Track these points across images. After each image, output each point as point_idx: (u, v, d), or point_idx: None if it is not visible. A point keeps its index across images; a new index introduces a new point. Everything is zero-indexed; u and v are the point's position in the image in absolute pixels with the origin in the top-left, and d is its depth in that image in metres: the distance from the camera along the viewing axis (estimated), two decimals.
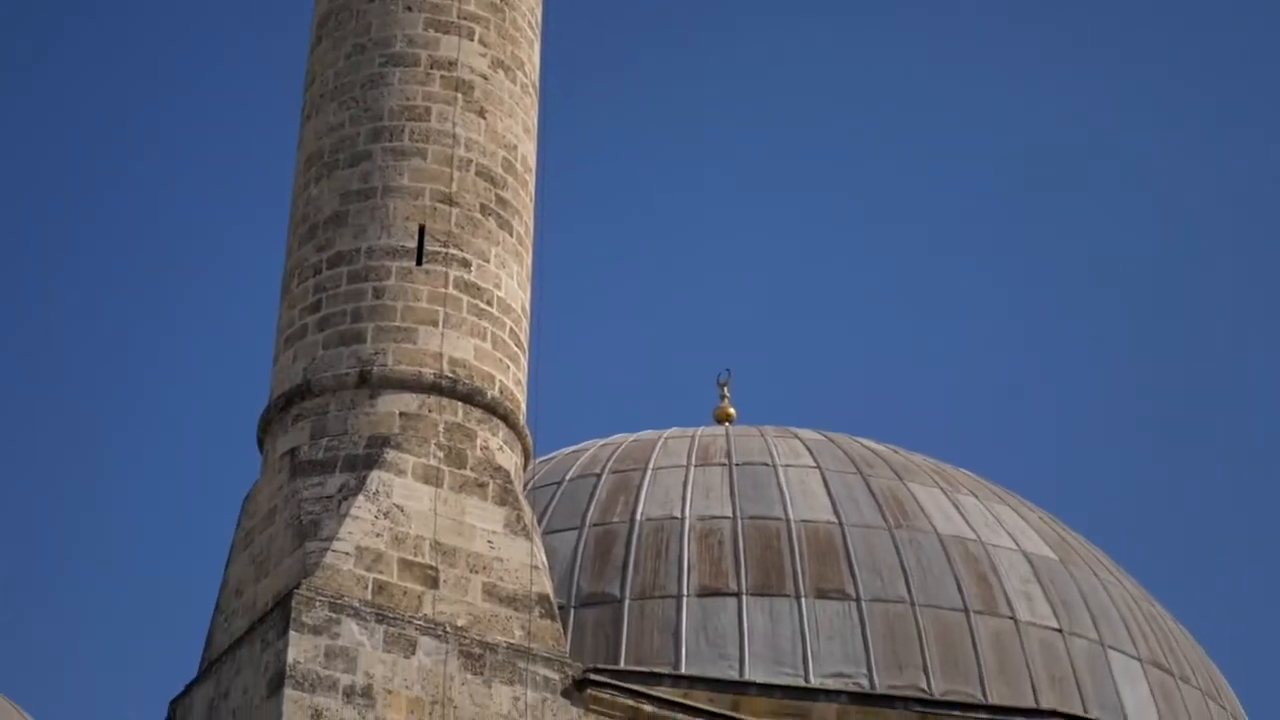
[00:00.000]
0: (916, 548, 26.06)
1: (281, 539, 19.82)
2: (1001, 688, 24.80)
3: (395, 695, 18.58)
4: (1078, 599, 26.67)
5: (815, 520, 26.16)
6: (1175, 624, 29.17)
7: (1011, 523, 27.78)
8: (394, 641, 18.82)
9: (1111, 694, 25.66)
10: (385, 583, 19.24)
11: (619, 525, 26.18)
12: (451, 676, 18.96)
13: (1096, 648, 26.13)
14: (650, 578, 25.26)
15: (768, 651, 24.41)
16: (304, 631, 18.41)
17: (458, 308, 21.06)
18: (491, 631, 19.49)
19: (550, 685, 19.50)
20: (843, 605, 24.99)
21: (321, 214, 21.58)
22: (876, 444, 29.51)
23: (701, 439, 28.46)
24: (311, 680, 18.21)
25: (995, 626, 25.46)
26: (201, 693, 19.78)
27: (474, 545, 19.92)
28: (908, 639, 24.86)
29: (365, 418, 20.31)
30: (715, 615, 24.77)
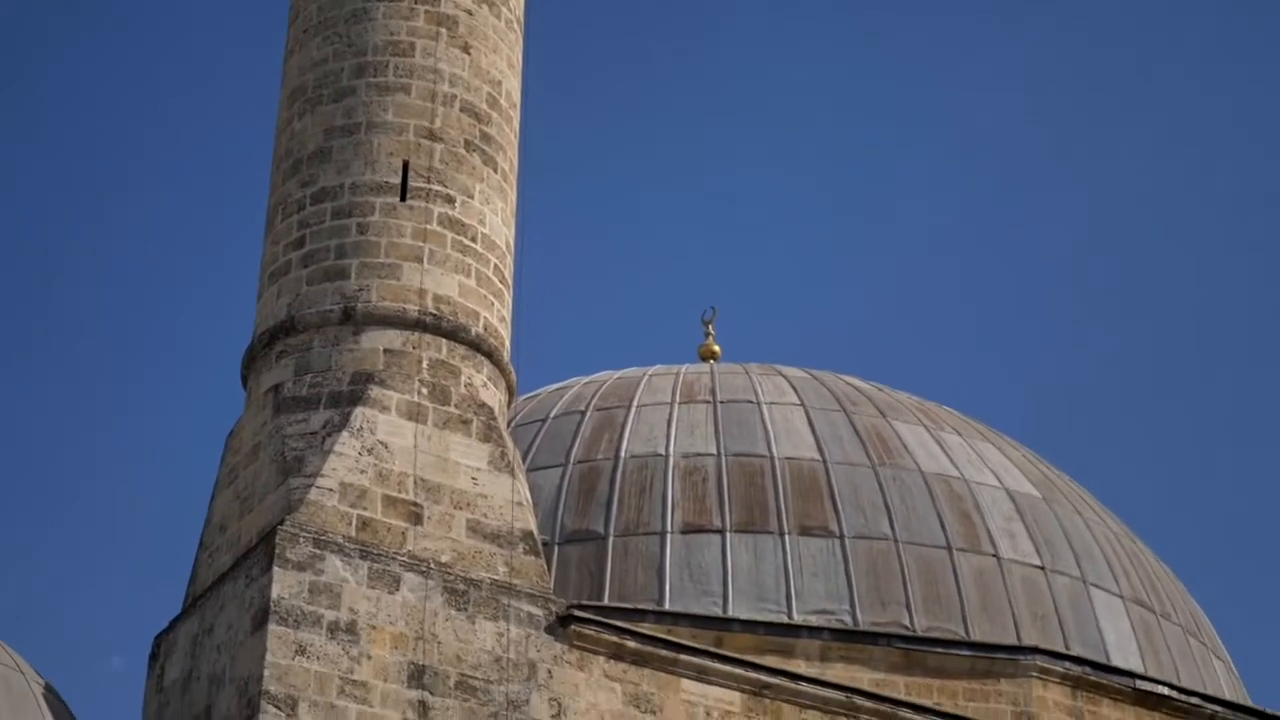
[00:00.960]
0: (900, 485, 26.13)
1: (265, 475, 19.83)
2: (984, 624, 24.91)
3: (379, 631, 18.62)
4: (1060, 536, 26.78)
5: (799, 458, 26.21)
6: (1157, 561, 29.30)
7: (995, 460, 27.85)
8: (378, 577, 18.85)
9: (1093, 631, 25.79)
10: (369, 519, 19.26)
11: (603, 462, 26.21)
12: (435, 612, 19.00)
13: (1078, 585, 26.24)
14: (634, 515, 25.31)
15: (751, 588, 24.49)
16: (288, 568, 18.43)
17: (442, 244, 21.02)
18: (475, 568, 19.52)
19: (534, 621, 19.54)
20: (826, 542, 25.06)
21: (305, 149, 21.50)
22: (861, 381, 29.54)
23: (686, 376, 28.47)
24: (295, 616, 18.24)
25: (978, 564, 25.56)
26: (186, 628, 19.82)
27: (458, 482, 19.93)
28: (891, 576, 24.95)
29: (349, 354, 20.29)
30: (699, 552, 24.84)
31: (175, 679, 19.64)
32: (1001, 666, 24.01)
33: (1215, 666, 28.03)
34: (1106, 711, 24.52)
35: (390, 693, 18.37)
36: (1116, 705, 24.57)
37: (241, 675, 18.18)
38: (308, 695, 17.92)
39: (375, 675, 18.36)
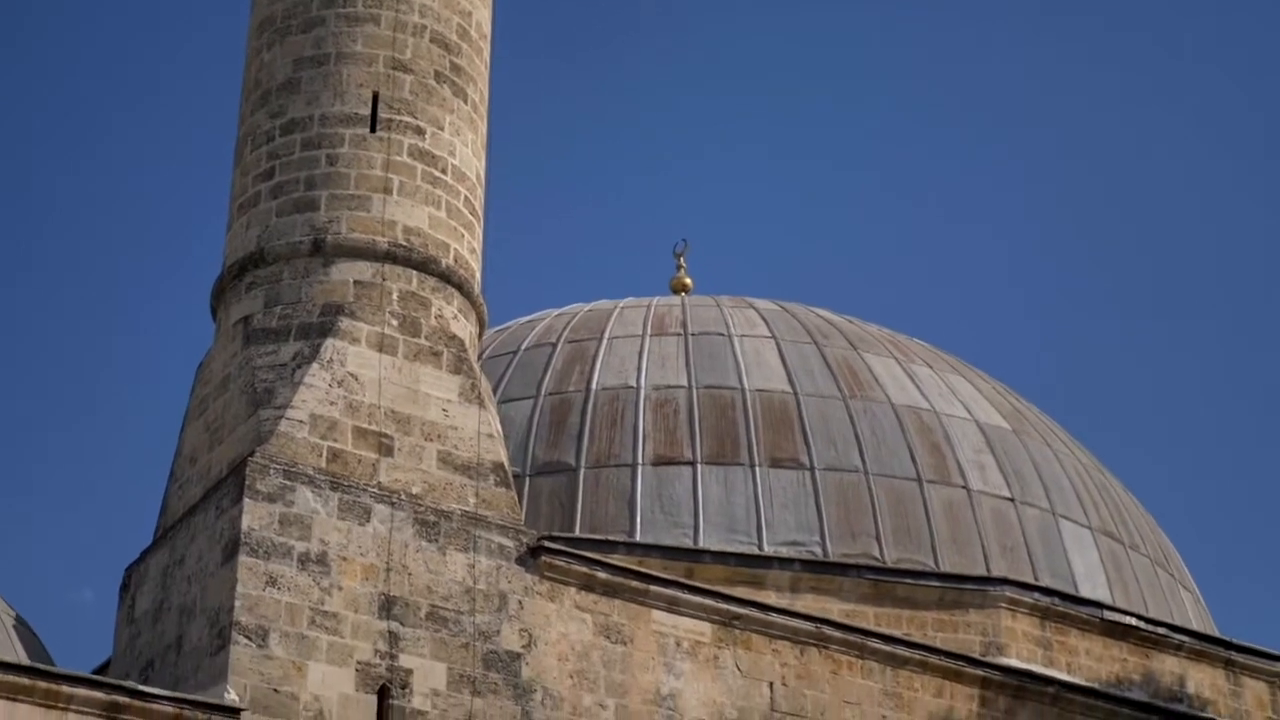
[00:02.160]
0: (870, 417, 26.20)
1: (235, 407, 19.79)
2: (953, 556, 25.04)
3: (350, 562, 18.64)
4: (1030, 469, 26.89)
5: (770, 390, 26.26)
6: (1126, 493, 29.44)
7: (965, 393, 27.93)
8: (348, 509, 18.85)
9: (1062, 562, 25.94)
10: (339, 450, 19.24)
11: (574, 394, 26.23)
12: (406, 544, 19.02)
13: (1048, 517, 26.37)
14: (605, 447, 25.35)
15: (722, 519, 24.58)
16: (258, 499, 18.41)
17: (412, 176, 20.93)
18: (446, 499, 19.54)
19: (505, 553, 19.58)
20: (797, 474, 25.14)
21: (274, 80, 21.37)
22: (832, 314, 29.57)
23: (657, 309, 28.47)
24: (266, 547, 18.24)
25: (948, 495, 25.66)
26: (156, 559, 19.82)
27: (428, 413, 19.92)
28: (861, 508, 25.05)
29: (319, 286, 20.23)
30: (670, 484, 24.90)
31: (146, 610, 19.65)
32: (970, 597, 24.15)
33: (1183, 597, 28.22)
34: (1074, 642, 24.69)
35: (361, 624, 18.40)
36: (1084, 635, 24.73)
37: (212, 606, 18.20)
38: (278, 626, 17.94)
39: (346, 606, 18.39)
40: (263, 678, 17.68)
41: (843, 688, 21.16)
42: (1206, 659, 25.75)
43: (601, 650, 19.79)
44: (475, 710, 18.66)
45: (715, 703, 20.25)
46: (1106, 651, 24.89)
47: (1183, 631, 25.86)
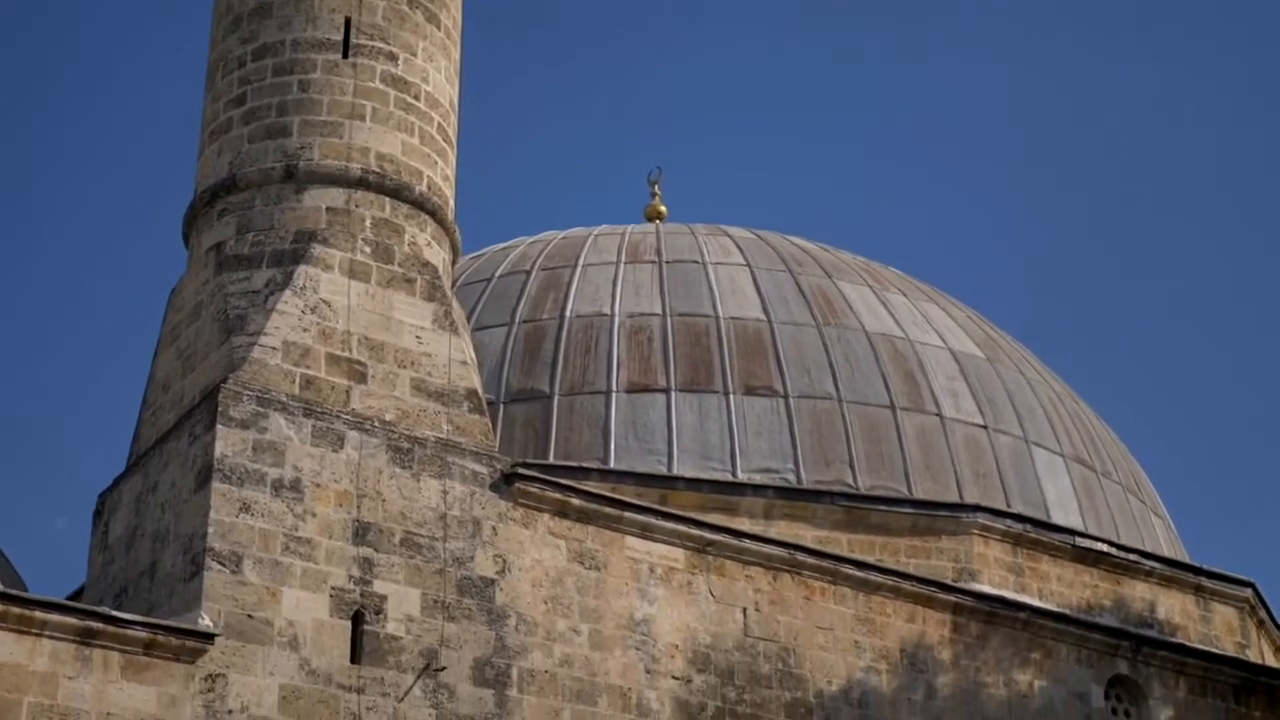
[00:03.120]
0: (845, 345, 26.23)
1: (208, 334, 19.73)
2: (926, 483, 25.12)
3: (323, 489, 18.63)
4: (1003, 396, 26.96)
5: (744, 318, 26.26)
6: (1098, 421, 29.55)
7: (939, 321, 27.96)
8: (322, 436, 18.84)
9: (1034, 489, 26.05)
10: (313, 377, 19.20)
11: (548, 322, 26.21)
12: (379, 470, 19.02)
13: (1020, 444, 26.46)
14: (579, 374, 25.36)
15: (696, 447, 24.62)
16: (231, 425, 18.38)
17: (384, 102, 20.82)
18: (420, 426, 19.52)
19: (479, 479, 19.59)
20: (770, 402, 25.17)
21: (246, 5, 21.21)
22: (806, 242, 29.56)
23: (631, 236, 28.43)
24: (239, 474, 18.22)
25: (921, 423, 25.73)
26: (129, 486, 19.80)
27: (402, 340, 19.89)
28: (834, 435, 25.10)
29: (291, 212, 20.15)
30: (644, 411, 24.92)
31: (119, 536, 19.65)
32: (943, 524, 24.26)
33: (1154, 524, 28.38)
34: (1046, 568, 24.83)
35: (335, 550, 18.41)
36: (1056, 562, 24.87)
37: (186, 532, 18.19)
38: (252, 552, 17.94)
39: (320, 532, 18.40)
40: (237, 603, 17.70)
41: (815, 613, 21.26)
42: (1177, 585, 25.93)
43: (575, 576, 19.84)
44: (449, 635, 18.71)
45: (689, 628, 20.33)
46: (1078, 577, 25.04)
47: (1153, 558, 26.01)
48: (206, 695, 17.24)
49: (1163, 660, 23.69)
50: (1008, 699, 22.19)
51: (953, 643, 22.12)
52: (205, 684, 17.27)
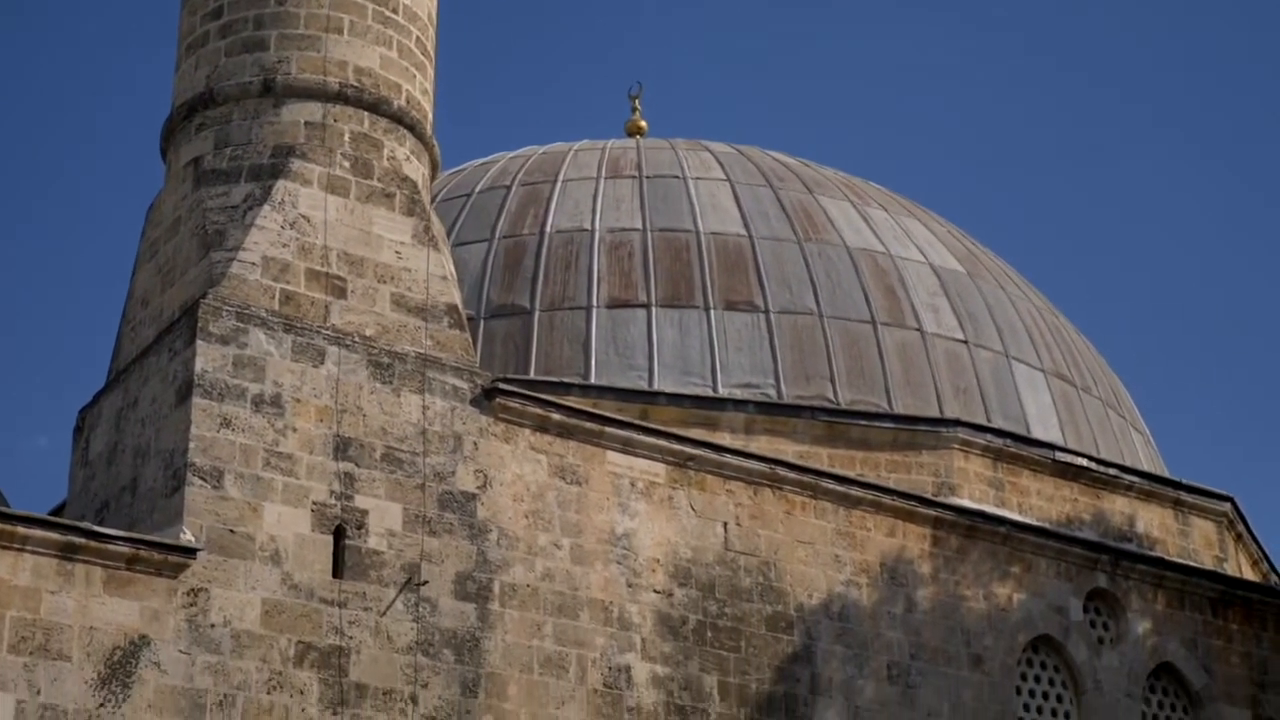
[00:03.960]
0: (825, 260, 26.20)
1: (187, 249, 19.65)
2: (907, 398, 25.16)
3: (304, 404, 18.61)
4: (983, 311, 26.98)
5: (725, 233, 26.22)
6: (1079, 336, 29.60)
7: (920, 236, 27.94)
8: (302, 351, 18.80)
9: (1015, 404, 26.11)
10: (292, 293, 19.14)
11: (528, 237, 26.14)
12: (360, 386, 19.00)
13: (1001, 359, 26.50)
14: (560, 289, 25.32)
15: (676, 362, 24.62)
16: (211, 341, 18.34)
17: (362, 15, 20.65)
18: (400, 341, 19.49)
19: (459, 394, 19.58)
20: (751, 317, 25.16)
21: None
22: (787, 157, 29.47)
23: (612, 151, 28.32)
24: (220, 389, 18.19)
25: (902, 338, 25.75)
26: (110, 402, 19.76)
27: (381, 255, 19.82)
28: (815, 350, 25.11)
29: (269, 127, 20.02)
30: (624, 326, 24.90)
31: (100, 452, 19.63)
32: (923, 439, 24.31)
33: (1134, 439, 28.48)
34: (1026, 483, 24.91)
35: (316, 465, 18.42)
36: (1036, 476, 24.96)
37: (166, 448, 18.18)
38: (233, 467, 17.94)
39: (300, 448, 18.39)
40: (218, 518, 17.71)
41: (796, 528, 21.33)
42: (1156, 499, 26.04)
43: (556, 491, 19.87)
44: (431, 550, 18.76)
45: (669, 542, 20.40)
46: (1058, 492, 25.14)
47: (1133, 472, 26.12)
48: (189, 609, 17.28)
49: (1141, 574, 23.82)
50: (987, 612, 22.31)
51: (932, 556, 22.22)
52: (188, 598, 17.30)
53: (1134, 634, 23.46)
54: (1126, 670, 23.21)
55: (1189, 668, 23.75)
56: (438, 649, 18.52)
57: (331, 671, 17.84)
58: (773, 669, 20.56)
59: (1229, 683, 24.00)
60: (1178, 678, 23.76)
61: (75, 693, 16.57)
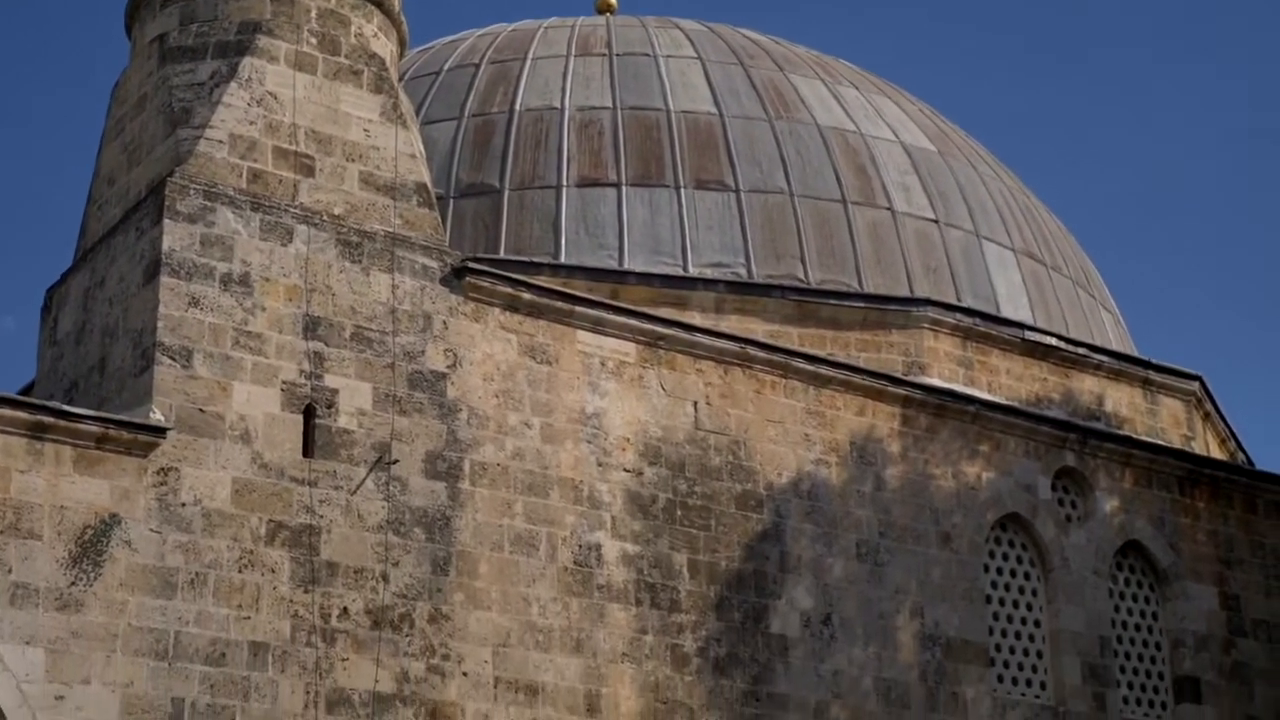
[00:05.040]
0: (796, 139, 26.08)
1: (153, 127, 19.46)
2: (877, 277, 25.14)
3: (273, 283, 18.52)
4: (954, 191, 26.92)
5: (695, 111, 26.06)
6: (1049, 215, 29.58)
7: (891, 114, 27.81)
8: (270, 230, 18.68)
9: (985, 283, 26.12)
10: (260, 171, 18.99)
11: (498, 116, 25.96)
12: (329, 265, 18.90)
13: (971, 238, 26.48)
14: (529, 168, 25.18)
15: (647, 241, 24.55)
16: (179, 219, 18.20)
17: None
18: (369, 220, 19.38)
19: (429, 273, 19.50)
20: (722, 196, 25.08)
21: None
22: (759, 35, 29.26)
23: (581, 29, 28.07)
24: (188, 268, 18.08)
25: (872, 217, 25.69)
26: (77, 281, 19.64)
27: (350, 133, 19.66)
28: (786, 229, 25.05)
29: (235, 3, 19.77)
30: (595, 205, 24.80)
31: (68, 331, 19.54)
32: (893, 318, 24.33)
33: (1103, 318, 28.55)
34: (996, 362, 24.97)
35: (285, 344, 18.35)
36: (1006, 356, 25.01)
37: (135, 327, 18.10)
38: (202, 347, 17.87)
39: (270, 327, 18.32)
40: (188, 397, 17.67)
41: (766, 407, 21.37)
42: (1125, 378, 26.14)
43: (526, 370, 19.86)
44: (401, 429, 18.76)
45: (639, 421, 20.42)
46: (1027, 371, 25.21)
47: (1102, 351, 26.19)
48: (159, 488, 17.28)
49: (1109, 452, 23.94)
50: (956, 491, 22.43)
51: (902, 435, 22.30)
52: (158, 477, 17.29)
53: (1101, 512, 23.62)
54: (1094, 548, 23.39)
55: (1156, 545, 23.94)
56: (408, 527, 18.56)
57: (302, 550, 17.88)
58: (742, 547, 20.67)
59: (1195, 560, 24.21)
60: (1144, 555, 23.95)
61: (46, 571, 16.58)
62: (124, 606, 16.83)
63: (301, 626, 17.67)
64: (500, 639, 18.81)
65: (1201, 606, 24.02)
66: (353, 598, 18.03)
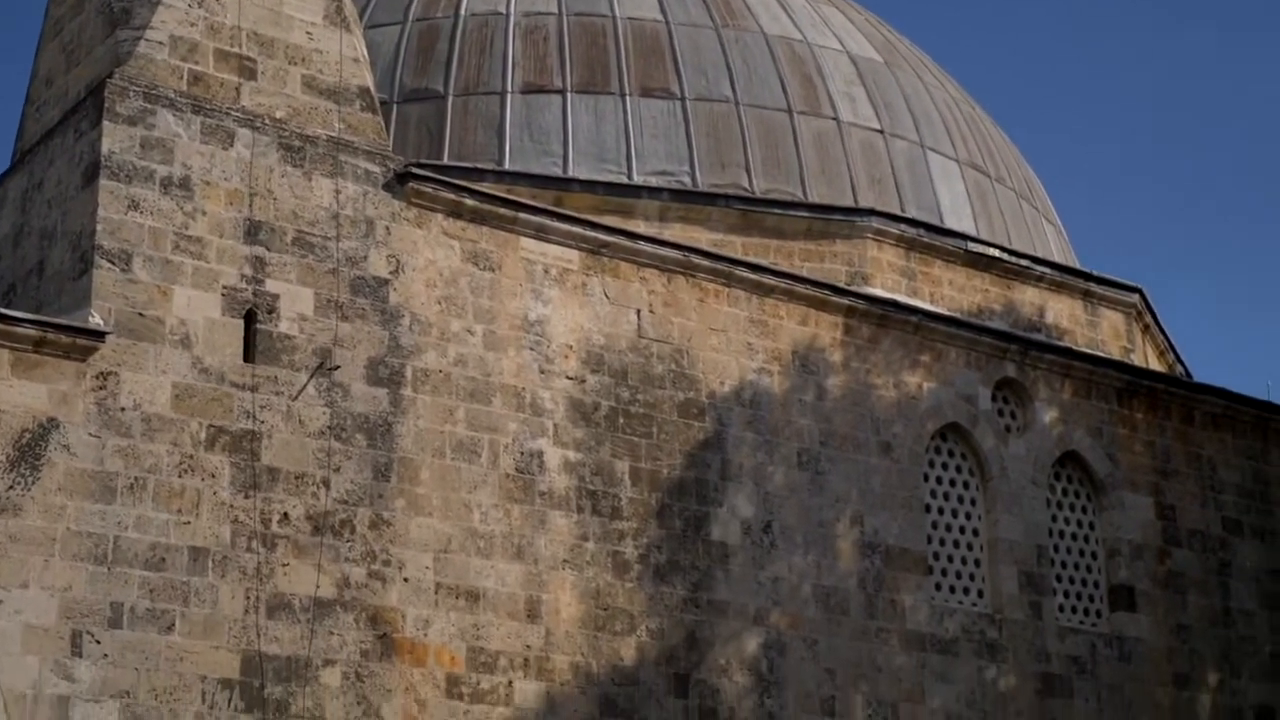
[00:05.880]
0: (742, 47, 25.98)
1: (92, 27, 19.23)
2: (822, 187, 25.14)
3: (213, 187, 18.38)
4: (900, 101, 26.88)
5: (641, 18, 25.91)
6: (994, 127, 29.58)
7: (838, 24, 27.72)
8: (211, 133, 18.52)
9: (929, 194, 26.15)
10: (201, 74, 18.80)
11: (442, 20, 25.75)
12: (270, 169, 18.76)
13: (916, 149, 26.48)
14: (474, 74, 25.01)
15: (591, 149, 24.46)
16: (118, 122, 18.01)
17: None
18: (311, 124, 19.23)
19: (371, 179, 19.38)
20: (667, 104, 24.98)
21: None
22: None
23: None
24: (127, 171, 17.92)
25: (818, 127, 25.65)
26: (15, 183, 19.45)
27: (292, 36, 19.47)
28: (731, 138, 24.99)
29: None
30: (539, 112, 24.68)
31: (6, 234, 19.36)
32: (837, 228, 24.35)
33: (1046, 230, 28.63)
34: (938, 272, 25.05)
35: (226, 248, 18.24)
36: (949, 267, 25.08)
37: (73, 230, 17.95)
38: (142, 250, 17.74)
39: (210, 231, 18.20)
40: (127, 301, 17.56)
41: (709, 315, 21.38)
42: (1066, 290, 26.26)
43: (469, 277, 19.81)
44: (343, 335, 18.70)
45: (582, 329, 20.41)
46: (969, 282, 25.29)
47: (1044, 263, 26.28)
48: (99, 393, 17.19)
49: (1049, 363, 24.07)
50: (897, 400, 22.53)
51: (844, 345, 22.36)
52: (97, 382, 17.21)
53: (1040, 423, 23.77)
54: (1032, 458, 23.55)
55: (1094, 456, 24.12)
56: (350, 433, 18.55)
57: (243, 455, 17.84)
58: (684, 455, 20.73)
59: (1133, 470, 24.41)
60: (1082, 466, 24.13)
61: None
62: (62, 511, 16.78)
63: (242, 532, 17.67)
64: (441, 545, 18.85)
65: (1137, 516, 24.26)
66: (294, 503, 18.03)
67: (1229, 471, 25.32)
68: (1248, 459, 25.58)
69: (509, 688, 18.91)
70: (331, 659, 17.92)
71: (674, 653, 20.08)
